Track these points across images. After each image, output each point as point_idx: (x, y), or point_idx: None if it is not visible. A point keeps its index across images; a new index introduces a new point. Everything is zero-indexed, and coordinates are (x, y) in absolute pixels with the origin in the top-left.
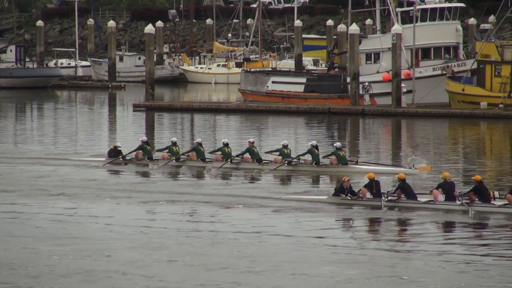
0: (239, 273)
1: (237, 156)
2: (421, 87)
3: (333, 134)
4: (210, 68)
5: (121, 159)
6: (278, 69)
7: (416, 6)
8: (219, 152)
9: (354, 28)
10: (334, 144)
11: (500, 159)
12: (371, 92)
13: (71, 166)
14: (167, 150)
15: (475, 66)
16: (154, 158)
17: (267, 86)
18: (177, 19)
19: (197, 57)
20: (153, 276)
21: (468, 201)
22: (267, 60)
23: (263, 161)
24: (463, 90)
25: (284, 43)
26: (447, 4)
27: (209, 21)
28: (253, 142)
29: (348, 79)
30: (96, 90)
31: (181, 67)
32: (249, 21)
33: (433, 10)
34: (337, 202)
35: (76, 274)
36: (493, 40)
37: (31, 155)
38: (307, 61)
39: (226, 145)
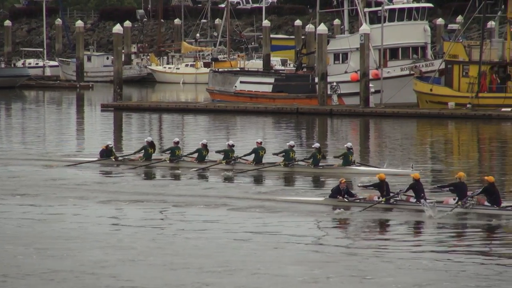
0: (203, 272)
1: (242, 156)
2: (389, 87)
3: (301, 134)
4: (178, 68)
5: (113, 160)
6: (246, 69)
7: (384, 6)
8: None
9: (322, 28)
10: (345, 145)
11: (467, 158)
12: (339, 92)
13: (37, 166)
14: (169, 152)
15: (443, 66)
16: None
17: (235, 86)
18: (145, 19)
19: (165, 57)
20: (116, 276)
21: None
22: (235, 60)
23: (263, 163)
24: (431, 90)
25: (252, 43)
26: (415, 4)
27: (177, 21)
28: (260, 143)
29: (316, 79)
30: (64, 90)
31: (149, 67)
32: (217, 21)
33: (401, 10)
34: (334, 204)
35: (41, 273)
36: (460, 40)
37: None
38: (275, 61)
39: (232, 146)
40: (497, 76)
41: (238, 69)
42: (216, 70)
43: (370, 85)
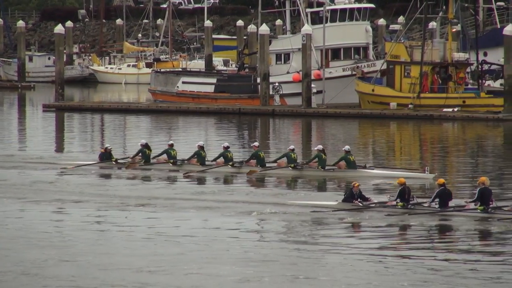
0: (138, 272)
1: (243, 161)
2: (331, 88)
3: (243, 134)
4: (120, 69)
5: (113, 163)
6: (188, 69)
7: (325, 7)
8: (221, 158)
9: (264, 28)
10: (343, 148)
11: (410, 159)
12: (281, 92)
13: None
14: (164, 154)
15: (384, 66)
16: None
17: (177, 87)
18: (87, 19)
19: (107, 57)
20: (53, 276)
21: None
22: (177, 61)
23: (267, 166)
24: (373, 90)
25: (194, 44)
26: (357, 5)
27: (119, 21)
28: (258, 146)
29: (258, 80)
30: (6, 90)
31: (91, 67)
32: (159, 21)
33: (343, 10)
34: (348, 208)
35: None
36: (402, 41)
37: None
38: (217, 61)
39: (227, 148)
40: (438, 76)
41: (180, 69)
42: (158, 70)
43: (312, 85)
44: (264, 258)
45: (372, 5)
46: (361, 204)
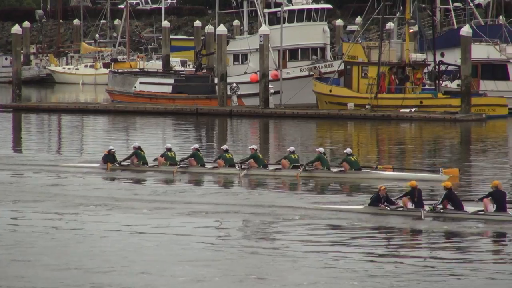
0: (87, 273)
1: (242, 162)
2: (288, 88)
3: (200, 135)
4: (77, 69)
5: (118, 165)
6: (146, 70)
7: (283, 8)
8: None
9: (221, 29)
10: (345, 151)
11: (366, 159)
12: (238, 93)
13: None
14: (163, 157)
15: (342, 67)
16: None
17: (135, 87)
18: (44, 20)
19: (65, 58)
20: (4, 277)
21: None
22: (135, 61)
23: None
24: (330, 91)
25: (152, 44)
26: (314, 6)
27: (76, 21)
28: (256, 149)
29: (216, 80)
30: None
31: (49, 67)
32: (116, 21)
33: (300, 11)
34: (375, 212)
35: None
36: (360, 42)
37: None
38: (175, 62)
39: (226, 151)
40: (395, 77)
41: (138, 69)
42: (116, 70)
43: (270, 86)
44: (220, 258)
45: (329, 6)
46: (388, 208)
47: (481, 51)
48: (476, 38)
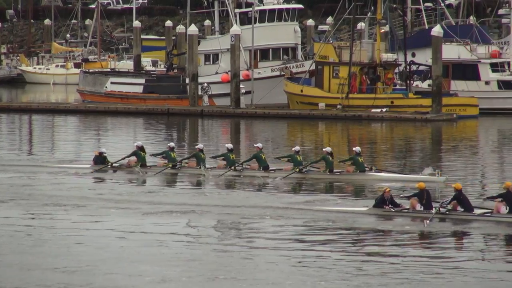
0: (55, 272)
1: (244, 162)
2: (260, 88)
3: (172, 135)
4: (48, 69)
5: (108, 166)
6: (117, 70)
7: (254, 8)
8: (222, 157)
9: (192, 29)
10: (354, 149)
11: (337, 159)
12: (210, 93)
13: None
14: (164, 156)
15: (313, 67)
16: (148, 165)
17: (106, 87)
18: (15, 19)
19: (36, 58)
20: None
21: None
22: (106, 61)
23: (270, 169)
24: (301, 91)
25: (123, 44)
26: (285, 6)
27: (47, 21)
28: (261, 148)
29: (187, 80)
30: None
31: (19, 67)
32: (87, 21)
33: (271, 11)
34: (379, 213)
35: None
36: (331, 42)
37: None
38: (146, 62)
39: (231, 150)
40: (367, 77)
41: (109, 69)
42: (87, 70)
43: (241, 86)
44: (189, 258)
45: (300, 6)
46: (393, 210)
47: (452, 51)
48: (447, 38)
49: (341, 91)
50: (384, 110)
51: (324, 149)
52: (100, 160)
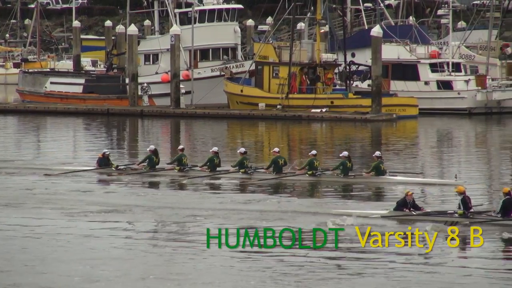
0: None
1: (266, 169)
2: (200, 88)
3: (111, 135)
4: None
5: (113, 169)
6: (57, 69)
7: (194, 8)
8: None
9: (132, 29)
10: (374, 154)
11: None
12: (150, 93)
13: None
14: (177, 162)
15: (253, 67)
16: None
17: (46, 87)
18: None
19: None
20: None
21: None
22: (46, 61)
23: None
24: (241, 91)
25: (63, 44)
26: (225, 6)
27: None
28: (278, 152)
29: (127, 80)
30: None
31: None
32: (27, 21)
33: (211, 11)
34: (400, 217)
35: None
36: (271, 42)
37: None
38: (86, 61)
39: (244, 153)
40: (306, 77)
41: (49, 69)
42: (26, 70)
43: (181, 86)
44: (119, 258)
45: (240, 6)
46: (414, 213)
47: (392, 52)
48: (386, 38)
49: (281, 91)
50: (324, 110)
51: (341, 154)
52: (104, 161)
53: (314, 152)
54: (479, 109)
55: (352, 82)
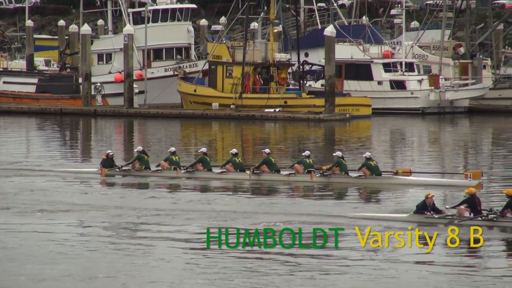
0: None
1: (256, 168)
2: (153, 88)
3: (65, 134)
4: None
5: (117, 170)
6: (10, 69)
7: (147, 7)
8: (230, 164)
9: (85, 28)
10: (364, 155)
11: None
12: (103, 92)
13: None
14: (168, 162)
15: (206, 67)
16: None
17: None
18: None
19: None
20: None
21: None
22: None
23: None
24: (195, 91)
25: (16, 43)
26: (179, 5)
27: None
28: (268, 153)
29: (80, 80)
30: None
31: None
32: None
33: (165, 11)
34: (421, 220)
35: None
36: (224, 41)
37: None
38: (39, 61)
39: (235, 155)
40: (260, 77)
41: (1, 69)
42: None
43: (134, 85)
44: (70, 257)
45: (194, 6)
46: (435, 216)
47: (345, 51)
48: (340, 38)
49: (235, 91)
50: (277, 110)
51: (335, 154)
52: (108, 162)
53: (307, 153)
54: (432, 109)
55: (305, 82)
